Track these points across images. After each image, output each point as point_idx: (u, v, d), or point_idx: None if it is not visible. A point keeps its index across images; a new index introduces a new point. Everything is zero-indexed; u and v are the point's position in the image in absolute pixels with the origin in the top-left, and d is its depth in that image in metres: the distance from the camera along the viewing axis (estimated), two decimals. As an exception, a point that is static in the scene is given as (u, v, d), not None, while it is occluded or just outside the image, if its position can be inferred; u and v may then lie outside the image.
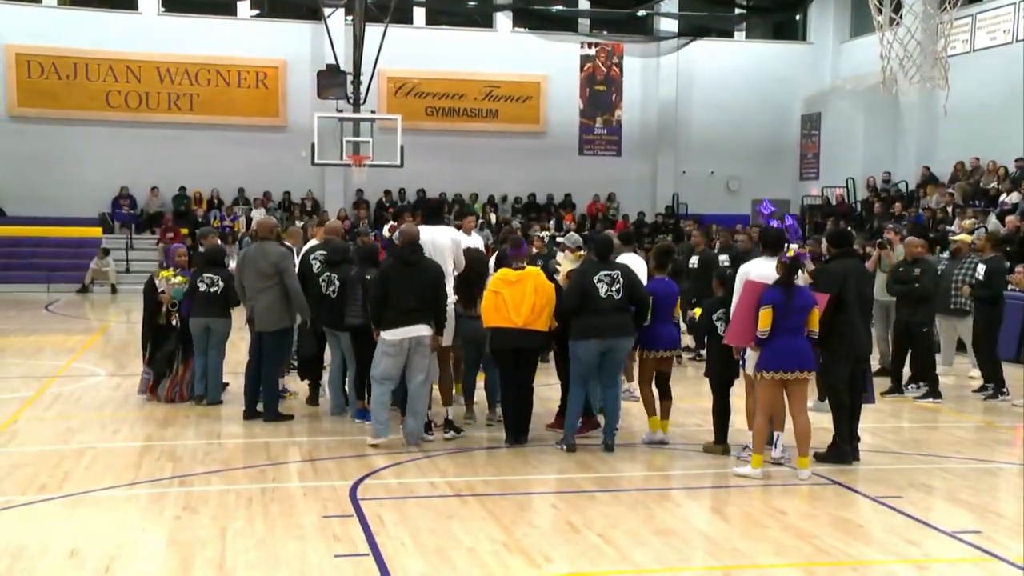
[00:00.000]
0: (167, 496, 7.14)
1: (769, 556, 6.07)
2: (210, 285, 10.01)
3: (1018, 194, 20.67)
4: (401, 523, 6.51)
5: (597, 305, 8.16)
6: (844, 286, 7.97)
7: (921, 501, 7.26)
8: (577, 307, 8.24)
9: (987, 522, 6.84)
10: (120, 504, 6.98)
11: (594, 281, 8.22)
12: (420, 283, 8.33)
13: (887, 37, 16.15)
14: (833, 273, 8.14)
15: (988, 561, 5.99)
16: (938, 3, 17.89)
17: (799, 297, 7.64)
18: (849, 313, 7.97)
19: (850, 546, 6.25)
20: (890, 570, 5.85)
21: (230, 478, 7.71)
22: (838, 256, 8.36)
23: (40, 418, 9.86)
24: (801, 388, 7.80)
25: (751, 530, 6.60)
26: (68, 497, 7.07)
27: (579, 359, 8.29)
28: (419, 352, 8.44)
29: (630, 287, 8.30)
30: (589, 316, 8.18)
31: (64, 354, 14.31)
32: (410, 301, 8.29)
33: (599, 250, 8.53)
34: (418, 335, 8.37)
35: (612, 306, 8.19)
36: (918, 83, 16.75)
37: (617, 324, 8.24)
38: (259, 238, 9.80)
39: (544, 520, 6.71)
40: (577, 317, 8.25)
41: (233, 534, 6.26)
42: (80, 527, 6.43)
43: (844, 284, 7.98)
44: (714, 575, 5.71)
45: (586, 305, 8.19)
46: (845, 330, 7.97)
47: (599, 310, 8.16)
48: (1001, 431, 10.03)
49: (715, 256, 13.26)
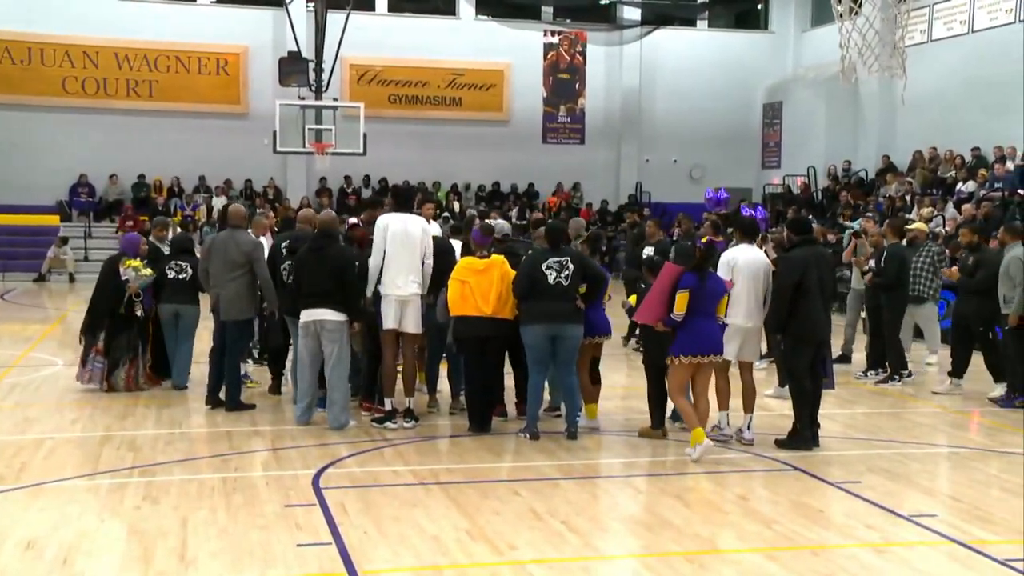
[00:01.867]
0: (128, 486, 7.06)
1: (731, 541, 6.13)
2: (179, 272, 10.15)
3: (974, 183, 20.98)
4: (364, 511, 6.49)
5: (544, 291, 8.21)
6: (806, 273, 8.08)
7: (880, 486, 7.35)
8: (526, 293, 8.29)
9: (944, 506, 6.96)
10: (80, 494, 6.89)
11: (543, 268, 8.27)
12: (327, 269, 8.51)
13: (846, 27, 16.26)
14: (794, 260, 8.25)
15: (944, 544, 6.09)
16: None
17: (712, 283, 7.94)
18: (810, 299, 8.09)
19: (810, 530, 6.32)
20: (850, 554, 5.93)
21: (192, 467, 7.65)
22: (799, 244, 8.45)
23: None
24: (708, 371, 8.06)
25: (713, 515, 6.67)
26: (26, 488, 6.97)
27: (528, 345, 8.37)
28: (327, 337, 8.57)
29: (580, 270, 8.36)
30: (536, 302, 8.25)
31: (21, 343, 14.11)
32: (315, 286, 8.54)
33: (550, 237, 8.57)
34: (321, 319, 8.53)
35: (559, 292, 8.25)
36: (877, 72, 16.87)
37: (564, 311, 8.28)
38: (230, 226, 9.72)
39: (508, 508, 6.72)
40: (525, 303, 8.32)
41: (195, 524, 6.21)
42: (38, 518, 6.33)
43: (806, 271, 8.09)
44: (676, 561, 5.75)
45: (534, 291, 8.25)
46: (807, 316, 8.08)
47: (546, 296, 8.22)
48: (958, 416, 10.20)
49: (670, 244, 13.29)
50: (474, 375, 8.79)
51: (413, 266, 8.70)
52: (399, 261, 8.64)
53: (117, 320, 10.17)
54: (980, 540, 6.13)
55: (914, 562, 5.81)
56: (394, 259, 8.63)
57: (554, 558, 5.79)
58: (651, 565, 5.71)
